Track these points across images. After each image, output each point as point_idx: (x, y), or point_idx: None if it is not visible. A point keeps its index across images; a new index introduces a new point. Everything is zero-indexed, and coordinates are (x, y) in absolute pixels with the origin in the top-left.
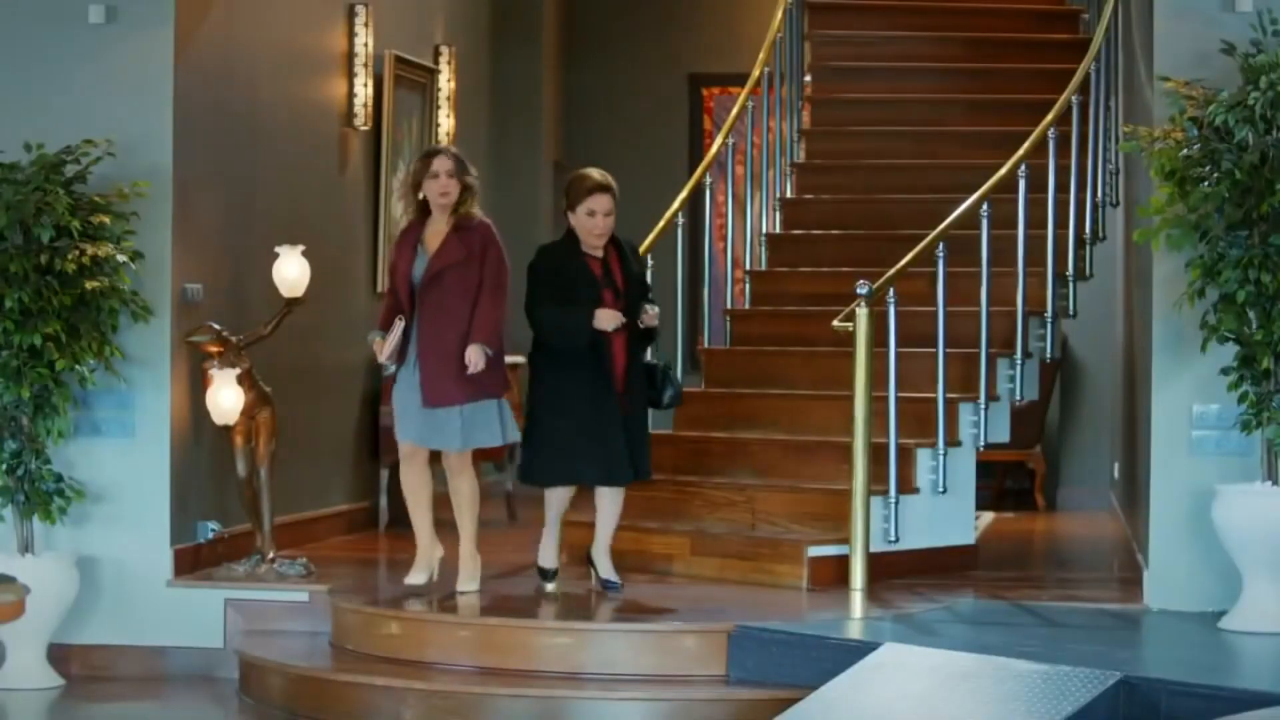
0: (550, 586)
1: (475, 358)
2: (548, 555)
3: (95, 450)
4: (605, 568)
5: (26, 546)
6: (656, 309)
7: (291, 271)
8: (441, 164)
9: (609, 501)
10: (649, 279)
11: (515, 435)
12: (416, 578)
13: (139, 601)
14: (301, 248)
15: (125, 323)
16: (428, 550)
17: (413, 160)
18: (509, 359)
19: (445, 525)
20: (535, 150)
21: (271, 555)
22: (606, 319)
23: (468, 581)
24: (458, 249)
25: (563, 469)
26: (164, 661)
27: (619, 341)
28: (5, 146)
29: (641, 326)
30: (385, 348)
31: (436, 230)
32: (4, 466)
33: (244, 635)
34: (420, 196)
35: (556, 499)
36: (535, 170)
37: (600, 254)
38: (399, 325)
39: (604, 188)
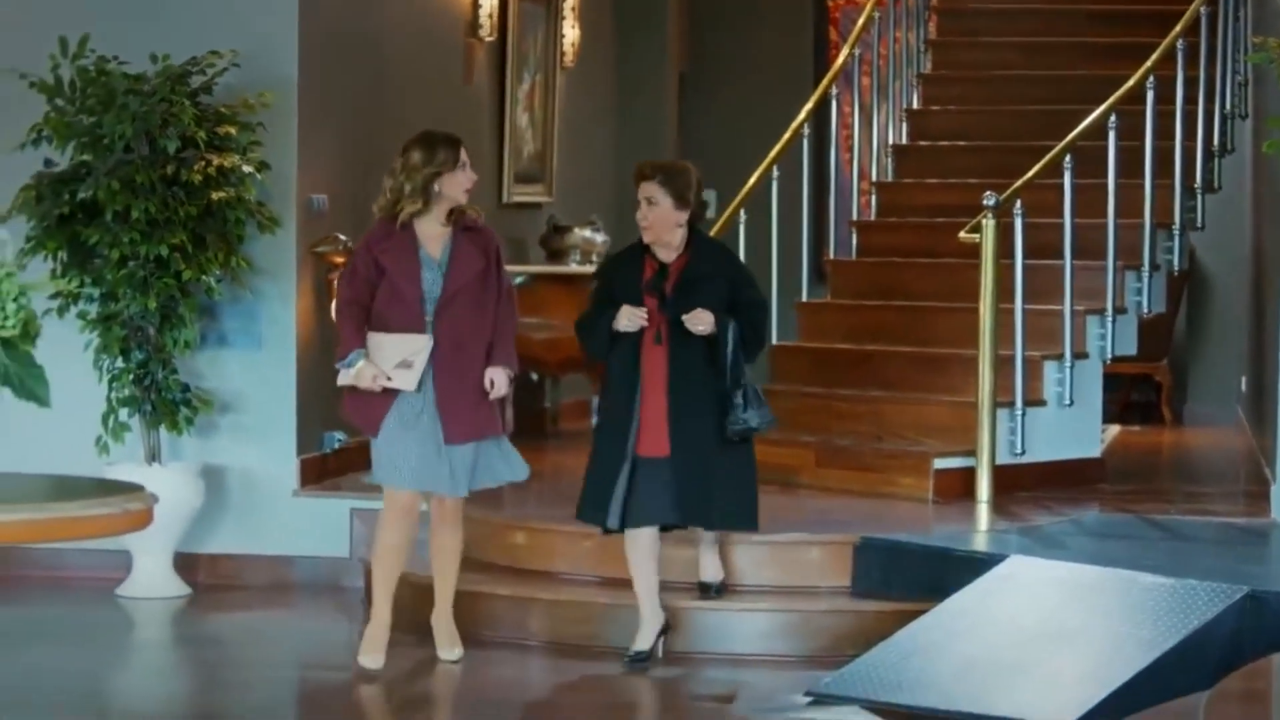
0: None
1: (500, 381)
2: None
3: (221, 360)
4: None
5: (153, 456)
6: (709, 313)
7: None
8: (466, 153)
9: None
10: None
11: (523, 470)
12: (374, 659)
13: (265, 511)
14: None
15: (251, 233)
16: (386, 625)
17: (414, 149)
18: None
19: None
20: (660, 63)
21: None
22: (624, 318)
23: (451, 649)
24: (476, 257)
25: (589, 511)
26: (290, 570)
27: (654, 357)
28: (131, 58)
29: (686, 323)
30: (412, 373)
31: (434, 231)
32: (131, 377)
33: (370, 545)
34: (436, 191)
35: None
36: (661, 83)
37: (668, 255)
38: (426, 344)
39: (643, 174)
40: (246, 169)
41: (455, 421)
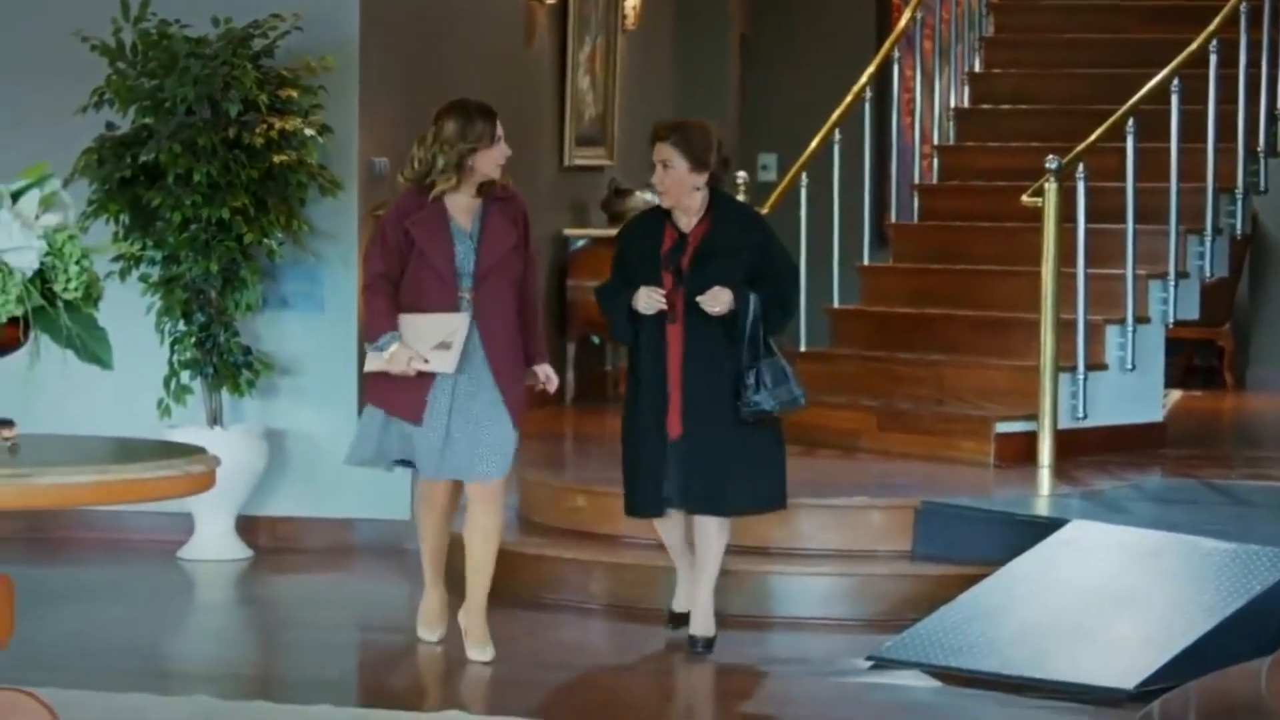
0: (671, 631)
1: (552, 375)
2: (678, 597)
3: (283, 323)
4: (695, 620)
5: (215, 419)
6: (727, 292)
7: None
8: (499, 126)
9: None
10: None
11: (500, 467)
12: (432, 632)
13: (326, 474)
14: None
15: (313, 196)
16: (441, 601)
17: (449, 120)
18: None
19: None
20: (722, 25)
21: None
22: (642, 299)
23: (482, 648)
24: (509, 231)
25: (630, 498)
26: (351, 533)
27: (671, 334)
28: (193, 20)
29: (700, 303)
30: (451, 354)
31: (464, 204)
32: (193, 339)
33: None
34: (469, 165)
35: (661, 532)
36: (722, 46)
37: (686, 225)
38: (464, 323)
39: (657, 135)
40: (308, 132)
41: (516, 403)
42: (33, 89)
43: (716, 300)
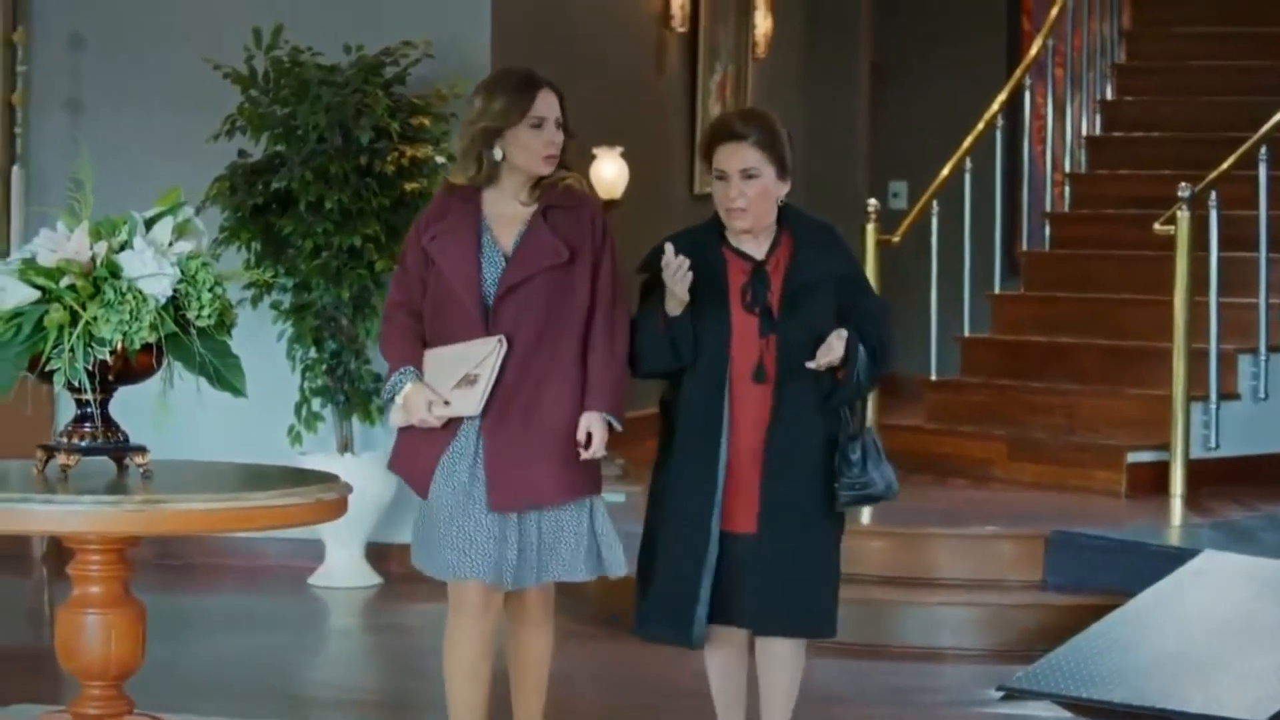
0: None
1: (598, 434)
2: None
3: None
4: None
5: (346, 446)
6: (842, 340)
7: (609, 173)
8: (548, 103)
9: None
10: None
11: (619, 564)
12: None
13: None
14: (619, 149)
15: None
16: None
17: (477, 94)
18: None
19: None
20: (852, 53)
21: (620, 424)
22: (668, 272)
23: None
24: (554, 246)
25: (659, 624)
26: None
27: (751, 398)
28: (325, 48)
29: (810, 366)
30: (475, 392)
31: (509, 211)
32: (324, 367)
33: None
34: (498, 157)
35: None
36: (852, 73)
37: (756, 249)
38: (495, 350)
39: (730, 132)
40: (439, 160)
41: (501, 477)
42: (166, 117)
43: (833, 351)
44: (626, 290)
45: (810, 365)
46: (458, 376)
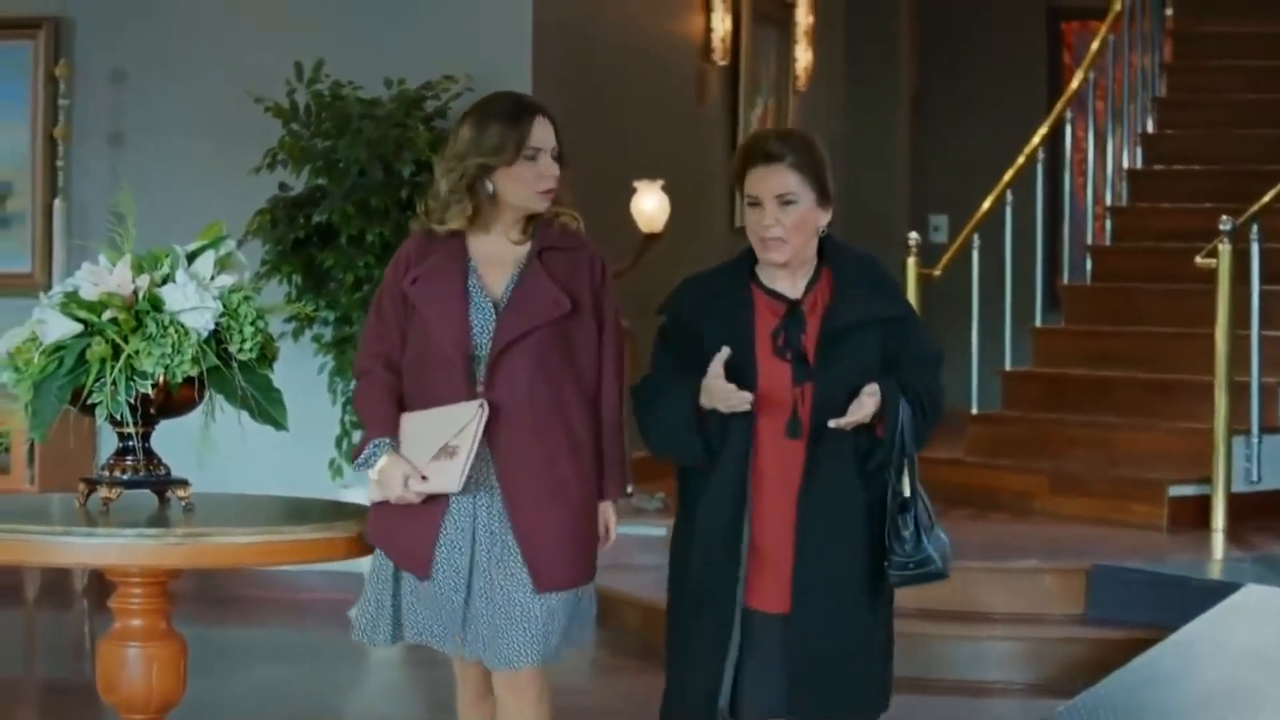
0: None
1: (614, 523)
2: None
3: None
4: None
5: None
6: (875, 394)
7: (650, 206)
8: (544, 132)
9: None
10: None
11: (588, 636)
12: None
13: None
14: (660, 182)
15: None
16: None
17: (464, 124)
18: None
19: None
20: (893, 86)
21: (630, 489)
22: (719, 393)
23: None
24: (554, 295)
25: (678, 700)
26: None
27: (780, 457)
28: (366, 82)
29: (832, 426)
30: (458, 470)
31: (497, 252)
32: None
33: (601, 569)
34: (489, 191)
35: None
36: (893, 107)
37: (792, 287)
38: (475, 415)
39: (766, 153)
40: None
41: (549, 558)
42: (207, 150)
43: (860, 410)
44: (624, 342)
45: (832, 424)
46: (436, 446)
